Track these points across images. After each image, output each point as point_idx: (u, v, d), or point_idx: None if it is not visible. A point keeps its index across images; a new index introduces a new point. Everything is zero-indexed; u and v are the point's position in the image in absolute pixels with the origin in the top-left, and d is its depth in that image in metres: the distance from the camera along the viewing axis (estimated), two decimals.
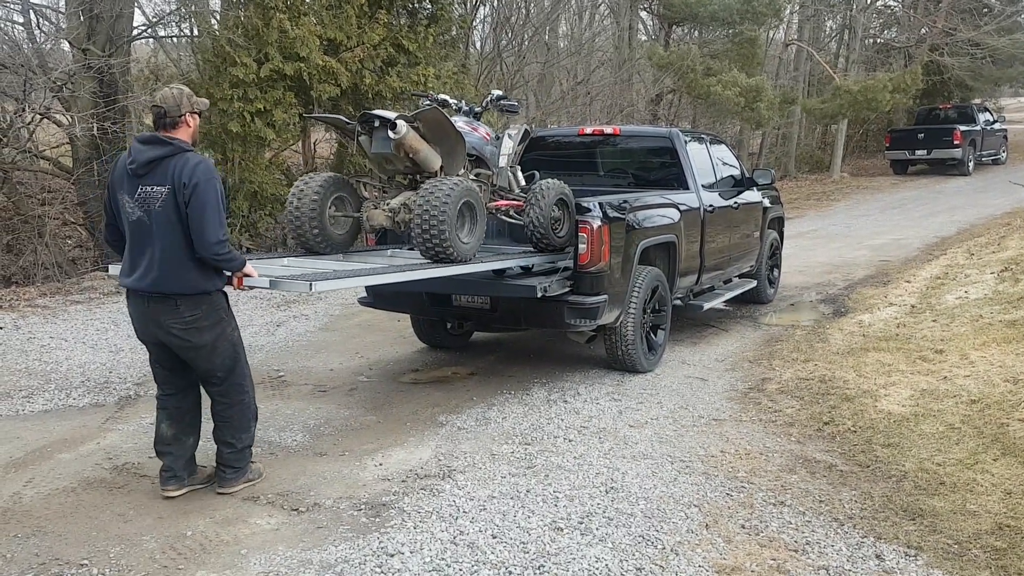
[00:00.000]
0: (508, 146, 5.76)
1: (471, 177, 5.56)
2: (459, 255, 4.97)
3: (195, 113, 3.92)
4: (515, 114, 6.31)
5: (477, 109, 5.95)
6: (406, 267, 4.94)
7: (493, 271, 5.53)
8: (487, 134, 5.76)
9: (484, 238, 6.55)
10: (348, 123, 5.38)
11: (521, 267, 5.78)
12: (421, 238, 4.87)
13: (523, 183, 5.95)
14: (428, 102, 5.87)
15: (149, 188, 3.77)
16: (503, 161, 5.76)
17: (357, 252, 5.77)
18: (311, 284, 4.06)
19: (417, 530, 3.76)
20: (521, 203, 5.78)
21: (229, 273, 3.97)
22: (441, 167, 5.24)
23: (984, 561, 3.48)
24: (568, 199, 5.84)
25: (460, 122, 5.55)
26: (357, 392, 5.88)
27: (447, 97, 5.90)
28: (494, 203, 5.73)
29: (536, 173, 6.39)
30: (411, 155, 5.11)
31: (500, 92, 6.03)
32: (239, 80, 9.60)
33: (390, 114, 5.05)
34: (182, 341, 3.92)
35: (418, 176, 5.36)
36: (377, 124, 5.10)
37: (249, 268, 3.97)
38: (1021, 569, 3.40)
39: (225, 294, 4.04)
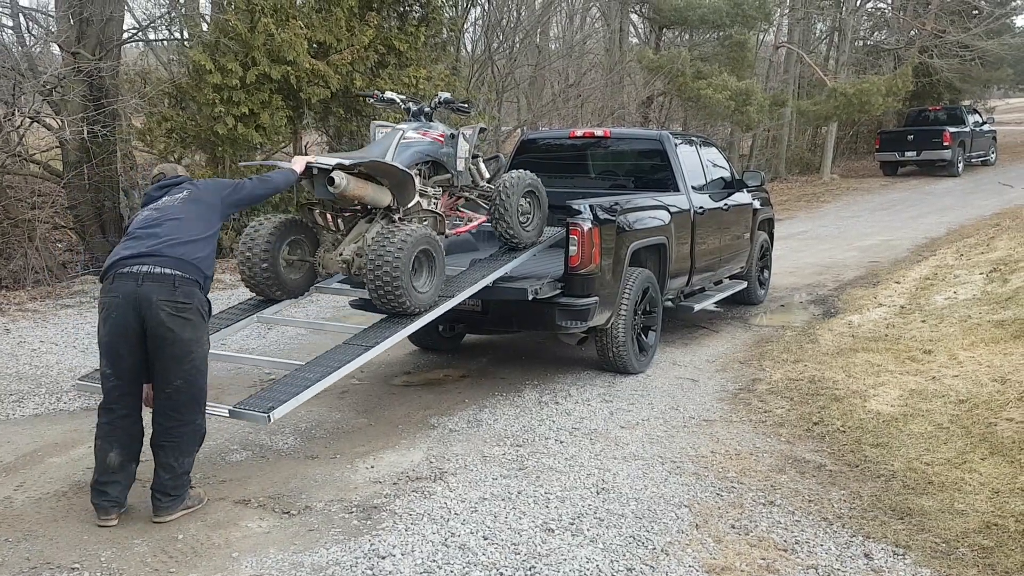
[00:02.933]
0: (464, 148, 5.60)
1: (430, 187, 5.38)
2: (414, 305, 4.81)
3: None
4: (467, 115, 6.15)
5: (427, 109, 5.63)
6: (365, 345, 4.68)
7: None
8: (440, 135, 5.48)
9: (480, 235, 6.52)
10: None
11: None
12: (375, 293, 4.75)
13: (487, 175, 5.86)
14: (375, 101, 5.81)
15: (170, 196, 4.09)
16: (460, 164, 5.59)
17: (317, 289, 5.68)
18: (269, 415, 3.97)
19: (408, 532, 3.76)
20: (484, 219, 5.74)
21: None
22: (393, 197, 5.03)
23: (972, 560, 3.50)
24: (538, 190, 5.78)
25: (411, 130, 5.32)
26: (348, 395, 5.88)
27: (394, 95, 5.69)
28: (454, 231, 5.64)
29: (500, 156, 6.35)
30: (356, 200, 4.93)
31: (448, 95, 5.73)
32: (222, 85, 9.56)
33: (329, 161, 4.74)
34: (165, 330, 3.71)
35: (371, 208, 5.13)
36: (316, 172, 4.81)
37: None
38: (1008, 567, 3.43)
39: (209, 303, 3.99)
